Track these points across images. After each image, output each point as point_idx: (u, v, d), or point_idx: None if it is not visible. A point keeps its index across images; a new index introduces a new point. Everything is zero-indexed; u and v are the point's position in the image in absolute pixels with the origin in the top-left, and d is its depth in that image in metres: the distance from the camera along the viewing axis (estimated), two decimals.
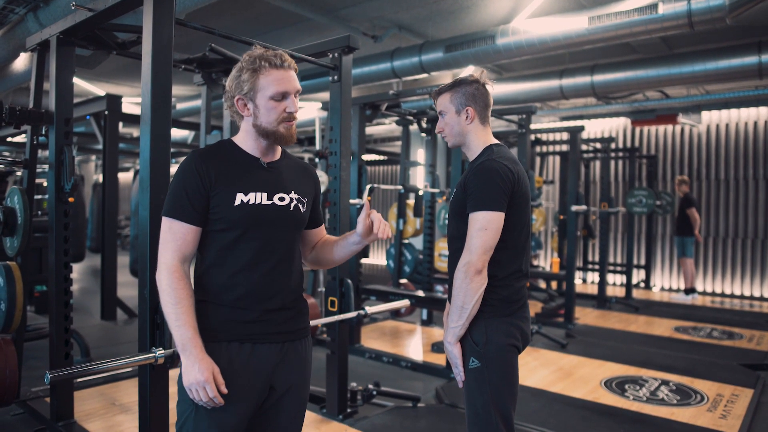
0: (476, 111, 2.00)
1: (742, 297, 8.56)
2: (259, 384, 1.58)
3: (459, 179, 1.99)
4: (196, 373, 1.45)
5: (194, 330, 1.49)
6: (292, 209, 1.65)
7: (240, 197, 1.57)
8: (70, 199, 3.04)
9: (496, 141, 2.02)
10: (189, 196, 1.54)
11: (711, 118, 8.88)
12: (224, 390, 1.48)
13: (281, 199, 1.64)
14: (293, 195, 1.67)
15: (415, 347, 5.26)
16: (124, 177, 14.98)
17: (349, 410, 3.38)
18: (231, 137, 1.70)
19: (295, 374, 1.66)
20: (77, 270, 10.31)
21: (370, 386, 3.60)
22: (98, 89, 8.09)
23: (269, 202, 1.61)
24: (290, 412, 1.67)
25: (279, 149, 1.71)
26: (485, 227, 1.80)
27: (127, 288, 6.86)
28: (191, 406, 1.53)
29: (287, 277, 1.66)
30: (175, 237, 1.54)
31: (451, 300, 1.89)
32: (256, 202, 1.59)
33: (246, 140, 1.65)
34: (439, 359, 4.66)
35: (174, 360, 2.23)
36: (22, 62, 5.80)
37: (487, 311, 1.87)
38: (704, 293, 8.79)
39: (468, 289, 1.81)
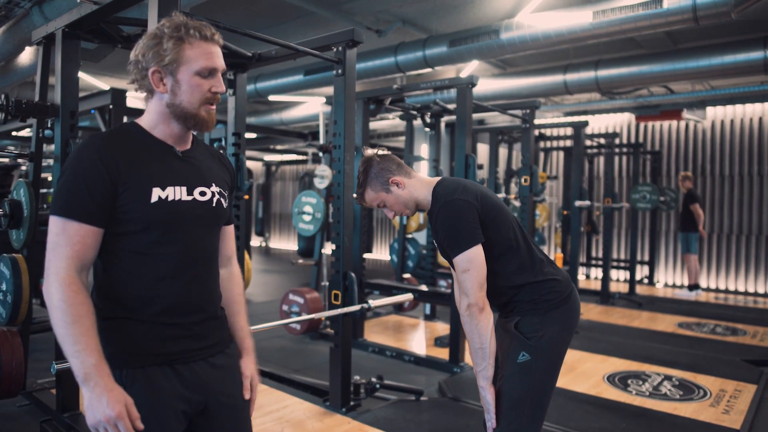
0: (398, 175, 2.01)
1: (746, 293, 8.54)
2: (190, 407, 1.38)
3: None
4: (105, 409, 1.17)
5: (99, 354, 1.20)
6: (214, 205, 1.44)
7: (157, 193, 1.32)
8: None
9: (435, 179, 2.02)
10: (90, 191, 1.26)
11: (716, 113, 8.85)
12: (140, 426, 1.21)
13: (202, 193, 1.41)
14: (214, 188, 1.45)
15: (418, 341, 5.27)
16: None
17: (352, 403, 3.40)
18: (135, 120, 1.43)
19: (233, 384, 1.50)
20: None
21: (374, 379, 3.61)
22: (103, 83, 8.10)
23: (189, 198, 1.38)
24: (246, 422, 1.53)
25: (190, 136, 1.47)
26: (468, 268, 1.82)
27: None
28: None
29: (213, 281, 1.48)
30: (72, 241, 1.25)
31: (469, 342, 1.89)
32: (176, 199, 1.35)
33: (156, 124, 1.39)
34: (442, 354, 4.66)
35: None
36: (27, 56, 5.82)
37: (541, 308, 1.89)
38: (708, 289, 8.78)
39: (479, 329, 1.82)
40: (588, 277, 9.71)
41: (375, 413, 3.32)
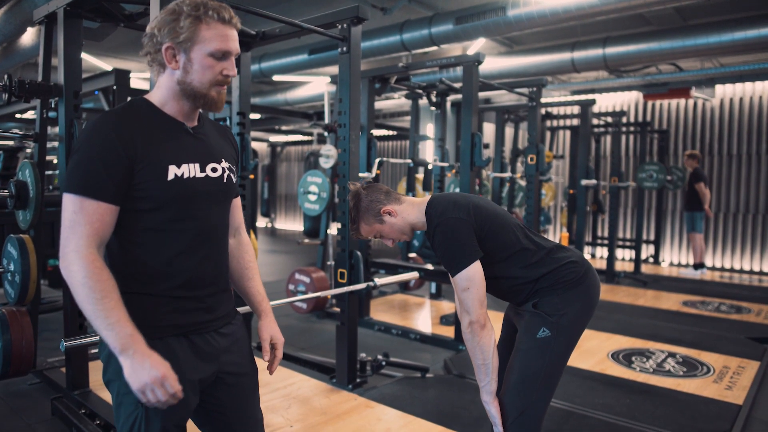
0: (388, 203, 2.00)
1: (751, 272, 8.53)
2: (203, 377, 1.43)
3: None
4: (150, 371, 1.21)
5: (132, 325, 1.24)
6: (225, 180, 1.47)
7: (173, 171, 1.34)
8: None
9: (425, 199, 2.00)
10: (107, 168, 1.26)
11: (725, 91, 8.74)
12: (179, 386, 1.27)
13: (214, 170, 1.44)
14: (224, 164, 1.48)
15: (424, 320, 5.31)
16: None
17: (358, 380, 3.43)
18: (144, 95, 1.43)
19: (241, 353, 1.55)
20: None
21: (380, 357, 3.64)
22: (106, 64, 8.07)
23: (203, 175, 1.40)
24: (254, 391, 1.59)
25: (198, 113, 1.48)
26: (467, 287, 1.82)
27: None
28: (138, 408, 1.32)
29: (224, 256, 1.52)
30: (90, 219, 1.25)
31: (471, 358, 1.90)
32: (191, 176, 1.37)
33: (167, 100, 1.39)
34: (447, 332, 4.70)
35: None
36: (29, 37, 5.79)
37: (560, 288, 1.89)
38: (713, 268, 8.77)
39: (482, 346, 1.84)
40: (594, 256, 9.71)
41: (381, 390, 3.36)
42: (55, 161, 7.57)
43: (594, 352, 4.22)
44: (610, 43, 6.30)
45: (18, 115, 7.32)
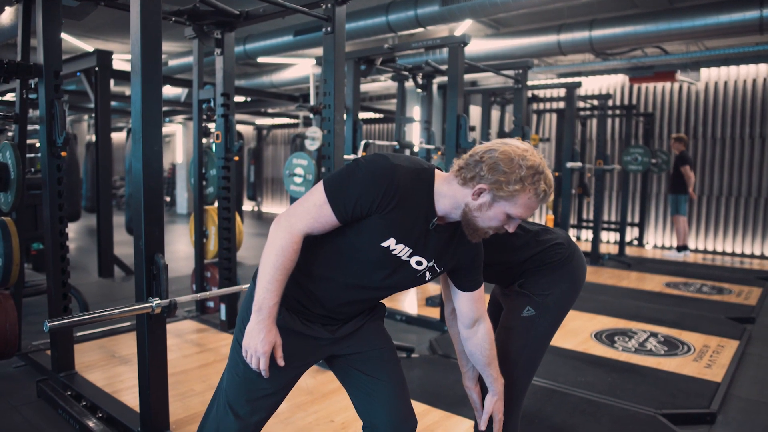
0: None
1: (733, 254, 8.67)
2: (317, 351, 1.65)
3: None
4: (258, 342, 1.42)
5: (278, 301, 1.45)
6: (419, 275, 1.58)
7: (390, 242, 1.48)
8: (63, 154, 3.03)
9: None
10: (358, 201, 1.42)
11: (710, 75, 8.80)
12: (281, 363, 1.47)
13: (419, 263, 1.55)
14: (432, 264, 1.58)
15: (409, 301, 5.34)
16: (118, 137, 14.85)
17: None
18: (436, 171, 1.54)
19: (365, 339, 1.70)
20: (73, 229, 10.33)
21: None
22: (88, 46, 7.93)
23: (406, 259, 1.53)
24: (385, 361, 1.71)
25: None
26: None
27: (123, 246, 6.90)
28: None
29: (367, 306, 1.69)
30: (319, 219, 1.45)
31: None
32: (397, 254, 1.50)
33: (443, 196, 1.50)
34: (433, 313, 4.73)
35: (171, 310, 2.26)
36: (6, 17, 5.66)
37: (545, 269, 1.90)
38: (696, 251, 8.90)
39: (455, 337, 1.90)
40: (579, 238, 9.80)
41: None
42: (38, 144, 7.46)
43: (577, 332, 4.28)
44: (596, 26, 6.30)
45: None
